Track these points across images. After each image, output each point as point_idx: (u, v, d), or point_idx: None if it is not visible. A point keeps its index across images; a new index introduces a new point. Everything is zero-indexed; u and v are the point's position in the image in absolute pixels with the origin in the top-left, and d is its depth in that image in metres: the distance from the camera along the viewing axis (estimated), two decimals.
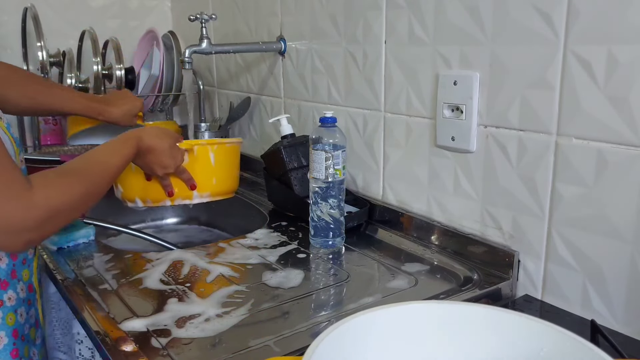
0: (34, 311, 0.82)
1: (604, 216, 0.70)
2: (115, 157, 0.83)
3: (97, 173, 0.78)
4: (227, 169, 1.08)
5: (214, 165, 1.04)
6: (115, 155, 0.83)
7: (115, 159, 0.83)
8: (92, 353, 0.84)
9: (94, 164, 0.79)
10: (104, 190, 0.79)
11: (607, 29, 0.67)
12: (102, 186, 0.78)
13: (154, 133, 0.91)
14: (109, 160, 0.81)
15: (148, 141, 0.90)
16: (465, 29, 0.84)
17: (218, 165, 1.04)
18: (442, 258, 0.90)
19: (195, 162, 1.01)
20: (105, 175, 0.79)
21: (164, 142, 0.93)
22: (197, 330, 0.68)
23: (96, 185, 0.76)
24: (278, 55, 1.31)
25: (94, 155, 0.80)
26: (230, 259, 0.90)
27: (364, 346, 0.52)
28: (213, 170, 1.04)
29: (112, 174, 0.81)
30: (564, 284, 0.77)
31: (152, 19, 1.79)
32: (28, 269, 0.80)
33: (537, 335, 0.50)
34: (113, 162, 0.82)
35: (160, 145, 0.92)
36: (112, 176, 0.81)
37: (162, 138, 0.93)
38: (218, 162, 1.04)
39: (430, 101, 0.93)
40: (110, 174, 0.81)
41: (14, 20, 1.52)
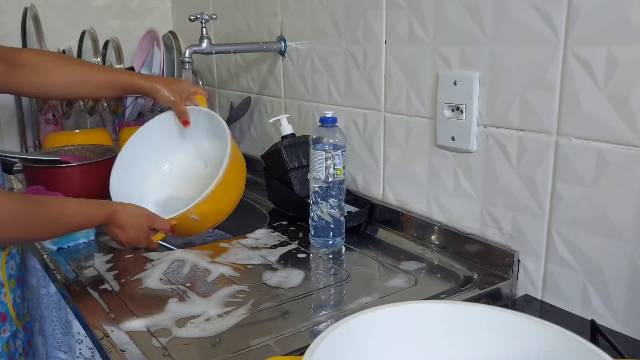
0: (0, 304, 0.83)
1: (604, 216, 0.70)
2: (80, 216, 0.83)
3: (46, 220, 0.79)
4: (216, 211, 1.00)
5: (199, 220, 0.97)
6: (81, 213, 0.84)
7: (79, 217, 0.83)
8: (92, 353, 0.84)
9: (52, 212, 0.80)
10: (41, 237, 0.83)
11: (607, 29, 0.67)
12: (42, 232, 0.80)
13: (131, 212, 0.90)
14: (71, 216, 0.82)
15: (122, 218, 0.88)
16: (465, 29, 0.84)
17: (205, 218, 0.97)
18: (442, 258, 0.90)
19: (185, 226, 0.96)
20: (54, 226, 0.81)
21: (137, 224, 0.90)
22: (197, 330, 0.68)
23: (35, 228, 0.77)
24: (278, 55, 1.31)
25: (62, 205, 0.82)
26: (230, 259, 0.90)
27: (364, 346, 0.52)
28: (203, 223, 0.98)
29: (63, 228, 0.83)
30: (564, 284, 0.77)
31: (153, 19, 1.79)
32: None
33: (537, 335, 0.50)
34: (73, 220, 0.82)
35: (133, 226, 0.89)
36: (62, 229, 0.83)
37: (137, 219, 0.90)
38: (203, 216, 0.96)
39: (430, 101, 0.93)
40: (61, 227, 0.82)
41: (14, 20, 1.52)
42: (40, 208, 0.78)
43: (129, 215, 0.89)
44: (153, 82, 1.05)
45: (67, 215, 0.82)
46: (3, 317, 0.84)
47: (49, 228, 0.80)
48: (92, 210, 0.85)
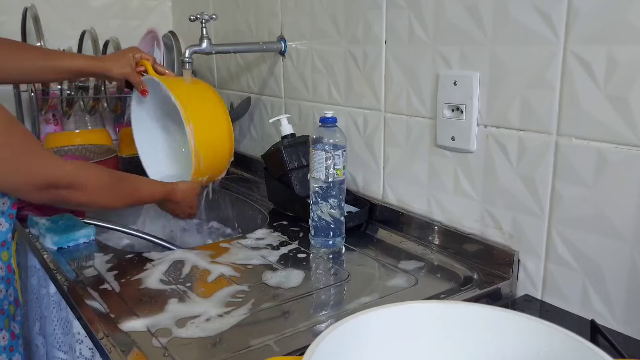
0: (13, 290, 0.89)
1: (604, 216, 0.71)
2: (147, 192, 1.00)
3: (125, 192, 0.94)
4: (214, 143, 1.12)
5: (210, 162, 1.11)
6: (148, 190, 1.00)
7: (146, 193, 1.00)
8: (93, 353, 0.84)
9: (129, 185, 0.96)
10: (119, 205, 0.95)
11: (607, 29, 0.67)
12: (120, 201, 0.94)
13: (183, 189, 1.06)
14: (141, 190, 0.98)
15: (179, 195, 1.05)
16: (465, 29, 0.84)
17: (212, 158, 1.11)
18: (442, 258, 0.90)
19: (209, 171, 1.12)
20: (129, 198, 0.95)
21: (192, 199, 1.09)
22: (197, 330, 0.69)
23: (117, 197, 0.92)
24: (278, 55, 1.31)
25: (135, 180, 0.98)
26: (230, 259, 0.90)
27: (364, 346, 0.52)
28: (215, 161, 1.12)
29: (134, 200, 0.98)
30: (563, 283, 0.77)
31: (153, 19, 1.79)
32: (7, 251, 0.86)
33: (537, 335, 0.50)
34: (143, 194, 0.99)
35: (187, 200, 1.07)
36: (133, 201, 0.98)
37: (189, 195, 1.08)
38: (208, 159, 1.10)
39: (430, 101, 0.93)
40: (133, 199, 0.97)
41: (14, 20, 1.51)
42: (120, 180, 0.93)
43: (182, 192, 1.06)
44: (102, 62, 1.11)
45: (139, 189, 0.98)
46: (16, 302, 0.88)
47: (126, 198, 0.95)
48: (156, 188, 1.02)
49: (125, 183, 0.94)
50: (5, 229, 0.86)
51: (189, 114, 1.06)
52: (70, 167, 0.83)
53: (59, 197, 0.82)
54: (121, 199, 0.94)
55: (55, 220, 1.02)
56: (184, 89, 1.11)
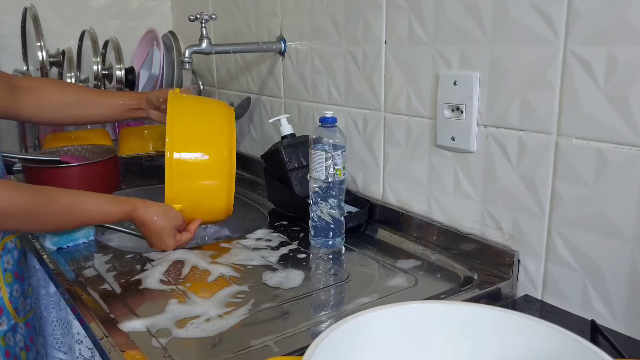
0: (21, 336, 0.87)
1: (604, 216, 0.70)
2: (97, 210, 0.84)
3: (56, 214, 0.80)
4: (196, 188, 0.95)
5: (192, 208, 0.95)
6: (97, 208, 0.84)
7: (95, 211, 0.84)
8: (92, 353, 0.84)
9: (63, 206, 0.81)
10: (52, 228, 0.84)
11: (607, 29, 0.67)
12: (50, 224, 0.82)
13: (154, 211, 0.89)
14: (84, 211, 0.83)
15: (143, 215, 0.89)
16: (465, 29, 0.84)
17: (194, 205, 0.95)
18: (442, 258, 0.90)
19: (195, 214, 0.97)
20: (64, 220, 0.82)
21: (160, 224, 0.90)
22: (197, 330, 0.68)
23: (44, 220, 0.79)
24: (278, 55, 1.31)
25: (76, 197, 0.83)
26: (230, 259, 0.90)
27: (364, 346, 0.52)
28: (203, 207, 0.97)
29: (75, 221, 0.84)
30: (564, 284, 0.77)
31: (152, 19, 1.79)
32: None
33: (537, 335, 0.50)
34: (89, 213, 0.84)
35: (154, 225, 0.90)
36: (73, 223, 0.85)
37: (162, 218, 0.90)
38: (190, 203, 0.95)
39: (430, 101, 0.93)
40: (71, 221, 0.84)
41: (14, 20, 1.52)
42: (48, 202, 0.79)
43: (151, 213, 0.89)
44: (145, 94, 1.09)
45: (78, 211, 0.83)
46: (27, 348, 0.86)
47: (56, 222, 0.81)
48: (107, 208, 0.85)
49: (54, 204, 0.80)
50: None
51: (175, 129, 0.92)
52: None
53: None
54: (49, 224, 0.82)
55: None
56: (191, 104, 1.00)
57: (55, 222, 0.81)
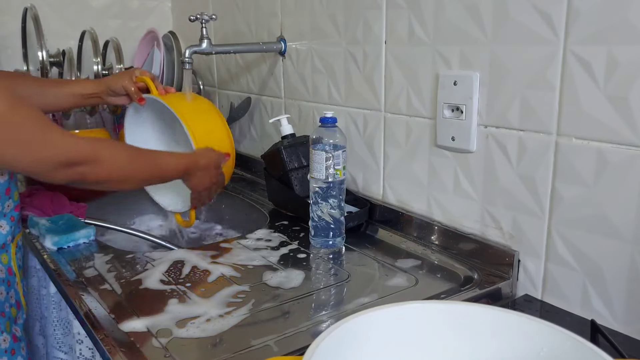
0: (14, 292, 0.89)
1: (604, 216, 0.71)
2: (172, 161, 0.94)
3: (146, 166, 0.90)
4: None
5: None
6: (173, 160, 0.94)
7: (171, 163, 0.94)
8: (93, 353, 0.84)
9: (150, 159, 0.91)
10: (141, 180, 0.92)
11: (607, 29, 0.67)
12: (142, 176, 0.90)
13: (209, 154, 1.00)
14: (163, 164, 0.93)
15: (204, 161, 0.98)
16: (465, 29, 0.84)
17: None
18: (442, 258, 0.90)
19: None
20: (151, 172, 0.91)
21: (217, 166, 1.01)
22: (197, 330, 0.69)
23: (138, 171, 0.88)
24: (278, 55, 1.31)
25: (156, 154, 0.94)
26: (231, 260, 0.90)
27: (364, 346, 0.52)
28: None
29: (157, 175, 0.93)
30: (564, 284, 0.77)
31: (153, 19, 1.79)
32: (6, 253, 0.86)
33: (537, 335, 0.50)
34: (165, 167, 0.93)
35: (213, 167, 1.00)
36: (156, 176, 0.93)
37: (216, 161, 1.01)
38: None
39: (430, 101, 0.93)
40: (155, 174, 0.92)
41: (14, 20, 1.51)
42: (141, 154, 0.90)
43: (208, 158, 0.99)
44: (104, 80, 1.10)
45: (161, 162, 0.93)
46: (18, 305, 0.89)
47: (148, 172, 0.90)
48: (180, 157, 0.96)
49: (145, 157, 0.91)
50: (5, 231, 0.86)
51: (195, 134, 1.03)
52: (86, 143, 0.80)
53: (77, 175, 0.79)
54: (145, 173, 0.90)
55: (55, 220, 1.02)
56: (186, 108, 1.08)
57: (146, 173, 0.90)
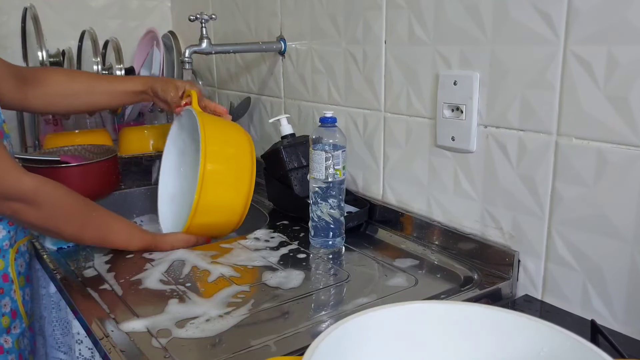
0: (9, 300, 0.87)
1: (604, 216, 0.70)
2: (123, 236, 0.90)
3: (92, 227, 0.85)
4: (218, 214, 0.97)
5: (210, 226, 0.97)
6: (124, 234, 0.90)
7: (121, 237, 0.89)
8: (92, 353, 0.84)
9: (101, 222, 0.86)
10: (80, 239, 0.87)
11: (607, 29, 0.67)
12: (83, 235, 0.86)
13: (173, 243, 0.94)
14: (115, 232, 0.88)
15: (164, 247, 0.93)
16: (465, 29, 0.84)
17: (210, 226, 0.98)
18: (442, 258, 0.90)
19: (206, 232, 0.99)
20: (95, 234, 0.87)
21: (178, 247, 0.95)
22: (197, 330, 0.68)
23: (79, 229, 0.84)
24: (278, 55, 1.31)
25: (110, 217, 0.89)
26: (230, 260, 0.90)
27: (364, 346, 0.52)
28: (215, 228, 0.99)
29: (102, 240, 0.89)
30: (564, 284, 0.77)
31: (152, 19, 1.79)
32: (3, 259, 0.85)
33: (537, 335, 0.50)
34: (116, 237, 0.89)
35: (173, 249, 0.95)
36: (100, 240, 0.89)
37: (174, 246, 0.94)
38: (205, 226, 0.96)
39: (430, 101, 0.93)
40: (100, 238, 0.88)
41: (14, 20, 1.52)
42: (91, 213, 0.85)
43: (171, 247, 0.94)
44: (152, 81, 1.08)
45: (112, 230, 0.89)
46: (13, 313, 0.87)
47: (91, 233, 0.86)
48: (136, 235, 0.91)
49: (96, 217, 0.86)
50: (1, 235, 0.85)
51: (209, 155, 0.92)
52: (31, 182, 0.77)
53: (9, 210, 0.77)
54: (84, 233, 0.86)
55: None
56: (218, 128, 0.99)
57: (89, 233, 0.86)
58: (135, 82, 1.09)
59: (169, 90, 1.06)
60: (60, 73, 1.06)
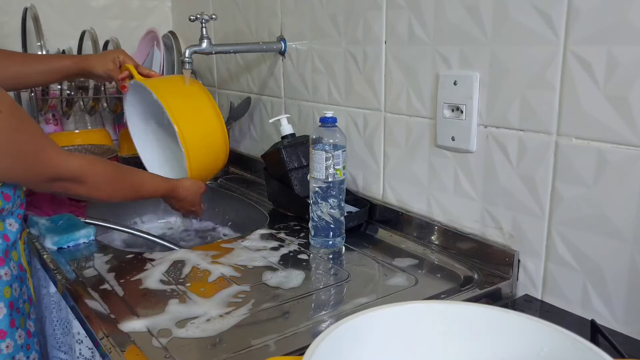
0: (26, 288, 0.91)
1: (604, 216, 0.70)
2: (150, 187, 1.02)
3: (127, 187, 0.97)
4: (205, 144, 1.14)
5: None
6: (151, 186, 1.02)
7: (149, 188, 1.02)
8: (92, 353, 0.84)
9: (132, 181, 0.98)
10: (118, 199, 0.97)
11: (607, 29, 0.67)
12: (121, 196, 0.96)
13: (187, 186, 1.09)
14: (144, 186, 1.01)
15: (183, 192, 1.08)
16: (465, 29, 0.84)
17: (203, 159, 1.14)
18: (442, 258, 0.90)
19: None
20: (130, 193, 0.99)
21: (195, 197, 1.11)
22: (197, 330, 0.68)
23: (118, 192, 0.95)
24: (278, 55, 1.31)
25: (139, 176, 1.01)
26: (230, 260, 0.90)
27: (364, 346, 0.52)
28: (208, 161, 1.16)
29: (136, 195, 1.00)
30: (564, 283, 0.77)
31: (153, 19, 1.79)
32: (16, 250, 0.88)
33: (537, 335, 0.50)
34: (145, 189, 1.01)
35: (190, 199, 1.10)
36: (134, 197, 1.01)
37: (192, 193, 1.10)
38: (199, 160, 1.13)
39: (430, 101, 0.93)
40: (134, 194, 1.00)
41: (14, 20, 1.52)
42: (125, 176, 0.96)
43: (186, 190, 1.08)
44: (86, 60, 1.14)
45: (142, 185, 1.00)
46: (30, 300, 0.91)
47: (127, 193, 0.98)
48: (160, 184, 1.04)
49: (128, 178, 0.97)
50: (15, 229, 0.87)
51: (176, 114, 1.08)
52: (76, 162, 0.86)
53: (60, 188, 0.86)
54: (122, 194, 0.96)
55: (55, 220, 1.02)
56: (169, 89, 1.13)
57: (125, 193, 0.97)
58: (68, 61, 1.13)
59: (109, 68, 1.13)
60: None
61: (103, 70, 1.13)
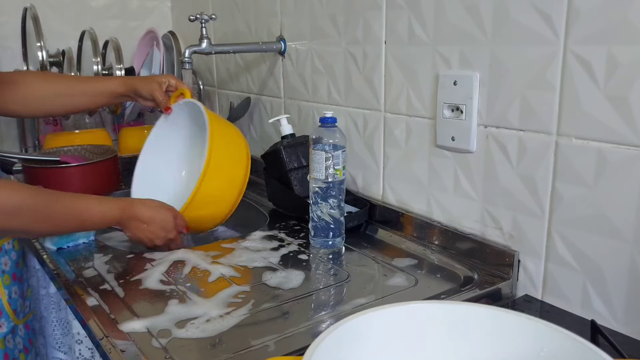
0: (21, 338, 0.88)
1: (604, 216, 0.70)
2: (95, 212, 0.84)
3: (57, 215, 0.80)
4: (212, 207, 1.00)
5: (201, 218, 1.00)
6: (96, 210, 0.84)
7: (93, 213, 0.84)
8: (92, 353, 0.84)
9: (63, 207, 0.80)
10: (48, 231, 0.83)
11: (607, 29, 0.67)
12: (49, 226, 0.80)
13: (152, 204, 0.91)
14: (85, 211, 0.83)
15: (144, 211, 0.89)
16: (465, 29, 0.84)
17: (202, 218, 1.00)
18: (442, 258, 0.90)
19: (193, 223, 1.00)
20: (64, 222, 0.81)
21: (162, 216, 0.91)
22: (197, 330, 0.68)
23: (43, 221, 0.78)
24: (278, 55, 1.31)
25: (76, 201, 0.83)
26: (230, 260, 0.90)
27: (364, 346, 0.52)
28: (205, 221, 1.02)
29: (75, 224, 0.84)
30: (564, 284, 0.77)
31: (152, 19, 1.79)
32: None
33: (537, 335, 0.50)
34: (87, 215, 0.83)
35: (157, 218, 0.90)
36: (73, 226, 0.84)
37: (161, 212, 0.91)
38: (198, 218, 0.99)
39: (430, 101, 0.93)
40: (71, 223, 0.83)
41: (14, 20, 1.52)
42: (53, 202, 0.79)
43: (150, 207, 0.89)
44: (132, 80, 1.07)
45: (82, 211, 0.82)
46: (26, 350, 0.86)
47: (59, 221, 0.80)
48: (108, 205, 0.85)
49: (57, 205, 0.80)
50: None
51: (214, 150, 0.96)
52: None
53: None
54: (50, 224, 0.80)
55: None
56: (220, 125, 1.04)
57: (56, 222, 0.81)
58: (115, 82, 1.08)
59: (153, 88, 1.06)
60: (37, 76, 1.06)
61: (147, 92, 1.06)
